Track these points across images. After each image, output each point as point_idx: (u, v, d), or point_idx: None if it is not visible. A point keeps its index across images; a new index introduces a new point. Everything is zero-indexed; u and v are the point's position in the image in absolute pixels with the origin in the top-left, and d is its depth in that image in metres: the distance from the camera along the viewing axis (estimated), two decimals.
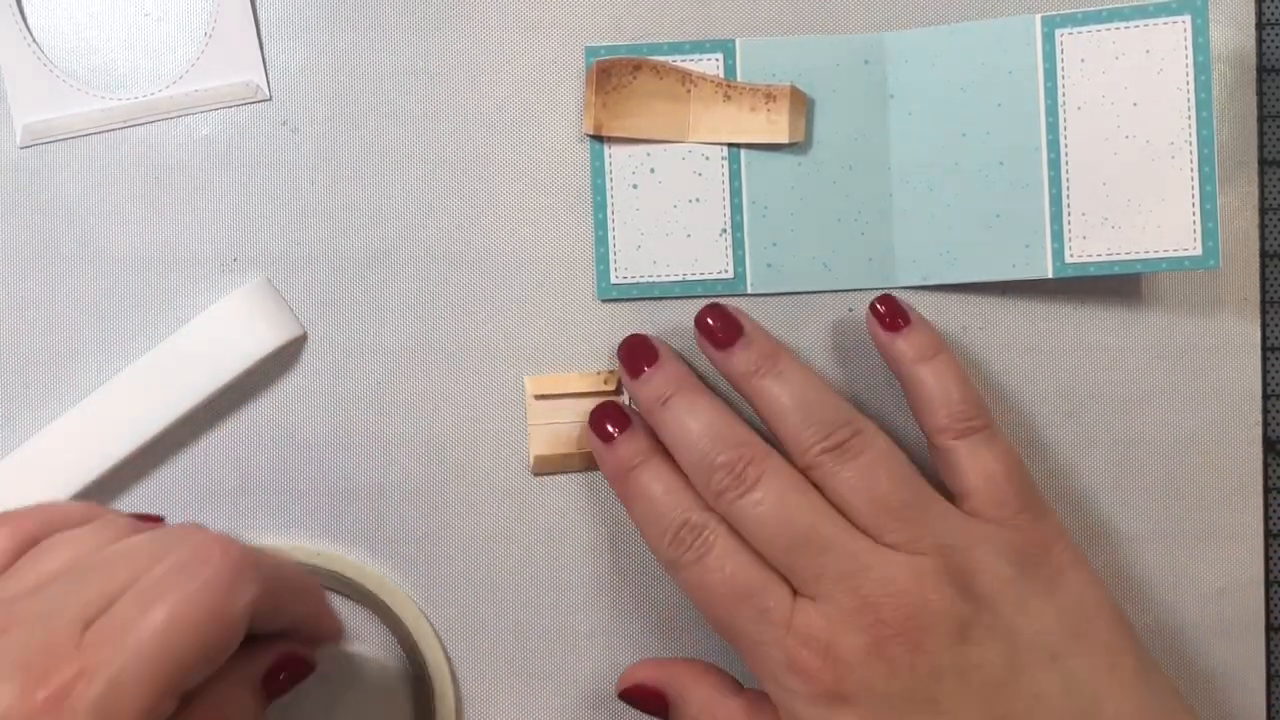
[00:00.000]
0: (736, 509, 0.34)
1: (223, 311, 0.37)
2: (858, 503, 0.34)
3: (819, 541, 0.33)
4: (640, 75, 0.38)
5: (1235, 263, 0.39)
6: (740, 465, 0.34)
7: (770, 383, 0.35)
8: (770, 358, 0.36)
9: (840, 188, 0.39)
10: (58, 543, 0.30)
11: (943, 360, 0.36)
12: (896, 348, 0.37)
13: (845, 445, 0.34)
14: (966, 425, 0.35)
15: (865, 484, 0.34)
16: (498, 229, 0.39)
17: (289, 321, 0.38)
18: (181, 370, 0.37)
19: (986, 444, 0.35)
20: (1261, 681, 0.39)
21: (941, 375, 0.36)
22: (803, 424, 0.34)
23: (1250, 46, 0.39)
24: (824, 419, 0.34)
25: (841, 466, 0.34)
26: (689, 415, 0.35)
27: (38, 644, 0.27)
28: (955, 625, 0.32)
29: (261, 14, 0.38)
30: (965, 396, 0.36)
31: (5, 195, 0.38)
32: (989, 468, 0.35)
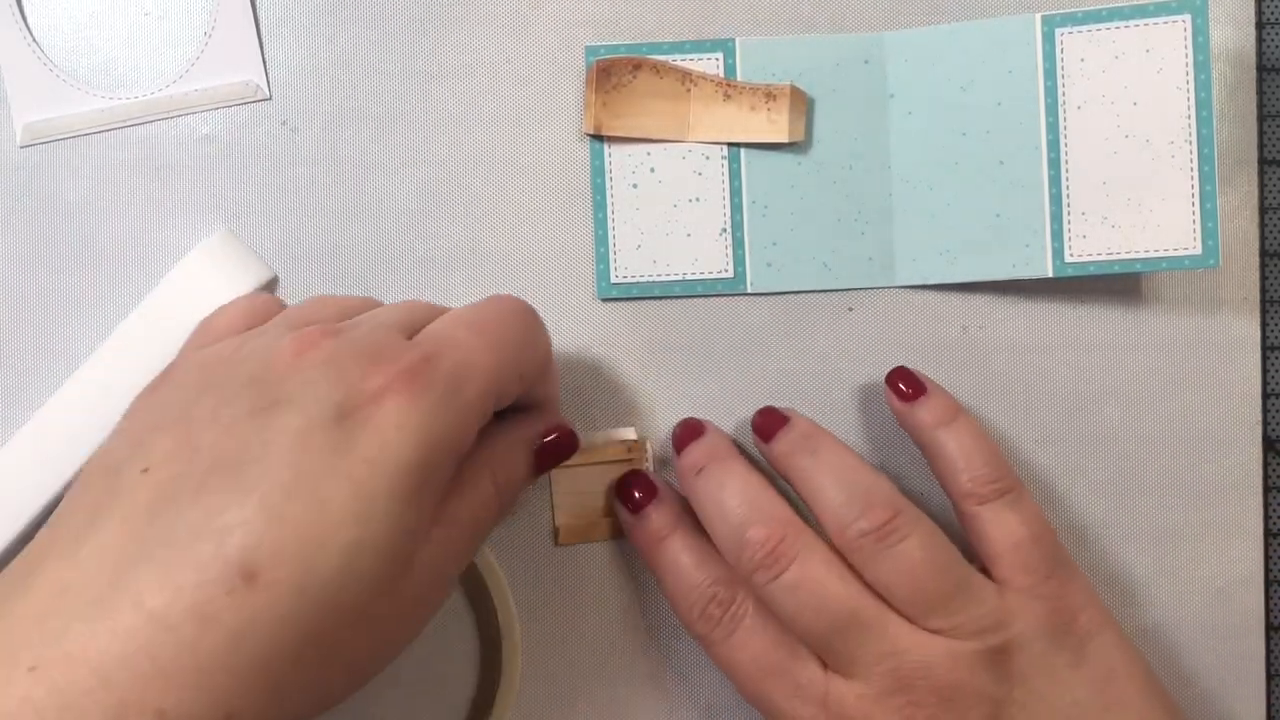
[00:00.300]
0: (769, 591, 0.33)
1: (189, 268, 0.37)
2: (900, 591, 0.33)
3: (857, 627, 0.33)
4: (640, 75, 0.38)
5: (1235, 262, 0.39)
6: (773, 542, 0.33)
7: (807, 461, 0.35)
8: (810, 437, 0.36)
9: (840, 188, 0.39)
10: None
11: (962, 424, 0.36)
12: (915, 416, 0.36)
13: (886, 528, 0.33)
14: (991, 489, 0.35)
15: (908, 572, 0.33)
16: (498, 229, 0.39)
17: (258, 267, 0.38)
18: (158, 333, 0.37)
19: (1011, 508, 0.35)
20: (1261, 681, 0.39)
21: (962, 439, 0.35)
22: (842, 504, 0.34)
23: (1250, 46, 0.39)
24: (864, 499, 0.34)
25: (883, 552, 0.33)
26: (722, 487, 0.35)
27: (370, 343, 0.29)
28: (989, 706, 0.32)
29: (261, 14, 0.38)
30: (987, 460, 0.35)
31: (5, 195, 0.38)
32: (1015, 533, 0.34)
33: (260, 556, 0.25)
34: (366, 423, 0.27)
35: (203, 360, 0.30)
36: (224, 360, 0.30)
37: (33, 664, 0.24)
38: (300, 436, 0.27)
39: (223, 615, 0.25)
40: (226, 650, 0.24)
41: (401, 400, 0.28)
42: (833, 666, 0.33)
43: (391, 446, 0.27)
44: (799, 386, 0.39)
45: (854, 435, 0.39)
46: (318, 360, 0.28)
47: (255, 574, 0.25)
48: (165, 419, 0.28)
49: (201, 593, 0.25)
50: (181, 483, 0.26)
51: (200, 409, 0.28)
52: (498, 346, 0.30)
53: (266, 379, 0.28)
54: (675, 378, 0.39)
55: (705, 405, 0.39)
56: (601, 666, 0.39)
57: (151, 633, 0.24)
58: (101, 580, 0.25)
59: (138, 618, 0.24)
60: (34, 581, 0.25)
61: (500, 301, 0.32)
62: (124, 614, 0.24)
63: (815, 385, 0.39)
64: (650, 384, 0.39)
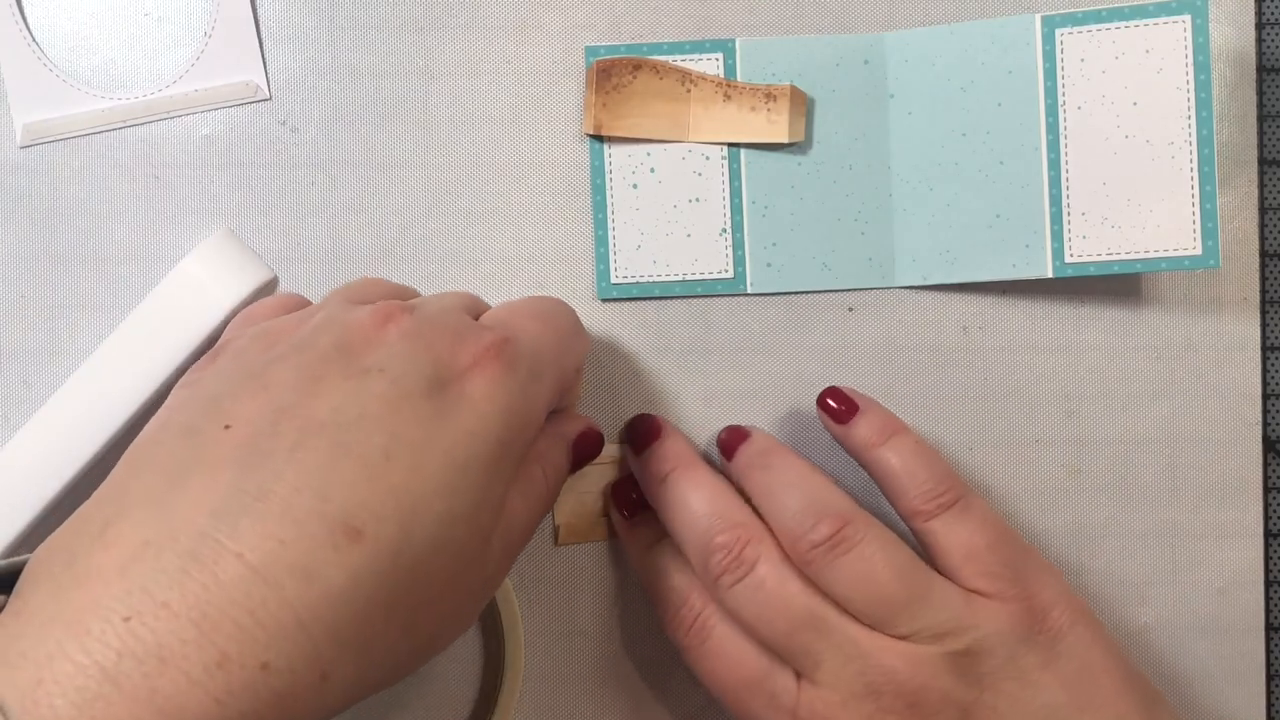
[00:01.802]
0: (734, 594, 0.33)
1: (189, 268, 0.37)
2: (856, 600, 0.33)
3: (816, 628, 0.32)
4: (640, 75, 0.38)
5: (1235, 263, 0.39)
6: (738, 548, 0.33)
7: (759, 476, 0.35)
8: (765, 452, 0.35)
9: (840, 188, 0.39)
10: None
11: (900, 440, 0.35)
12: (851, 437, 0.36)
13: (836, 538, 0.33)
14: (937, 504, 0.34)
15: (861, 581, 0.32)
16: (497, 229, 0.39)
17: (257, 267, 0.38)
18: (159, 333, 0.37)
19: (960, 518, 0.34)
20: (1261, 681, 0.39)
21: (903, 455, 0.35)
22: (794, 516, 0.33)
23: (1250, 46, 0.39)
24: (815, 511, 0.33)
25: (835, 562, 0.33)
26: (688, 493, 0.35)
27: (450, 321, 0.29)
28: (957, 711, 0.32)
29: (261, 14, 0.38)
30: (931, 473, 0.34)
31: (5, 195, 0.38)
32: (969, 543, 0.34)
33: (364, 515, 0.25)
34: (460, 395, 0.28)
35: (265, 331, 0.30)
36: (289, 331, 0.30)
37: (127, 615, 0.23)
38: (395, 403, 0.27)
39: (326, 571, 0.24)
40: (327, 606, 0.24)
41: (491, 375, 0.28)
42: (801, 672, 0.33)
43: (483, 419, 0.28)
44: (799, 386, 0.39)
45: None
46: (403, 332, 0.28)
47: (359, 531, 0.25)
48: (235, 384, 0.28)
49: (305, 548, 0.24)
50: (273, 441, 0.26)
51: (278, 374, 0.27)
52: (559, 338, 0.31)
53: (351, 347, 0.28)
54: (675, 378, 0.39)
55: (705, 405, 0.39)
56: (602, 666, 0.39)
57: (253, 586, 0.24)
58: (193, 532, 0.24)
59: (238, 570, 0.24)
60: (113, 534, 0.24)
61: (549, 300, 0.33)
62: (223, 566, 0.24)
63: (815, 385, 0.39)
64: (650, 384, 0.39)
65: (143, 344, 0.37)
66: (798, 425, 0.39)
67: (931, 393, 0.39)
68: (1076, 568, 0.39)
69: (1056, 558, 0.39)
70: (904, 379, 0.39)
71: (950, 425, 0.39)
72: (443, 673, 0.38)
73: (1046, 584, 0.34)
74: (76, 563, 0.24)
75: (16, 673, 0.22)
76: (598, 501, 0.38)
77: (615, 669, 0.39)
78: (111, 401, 0.37)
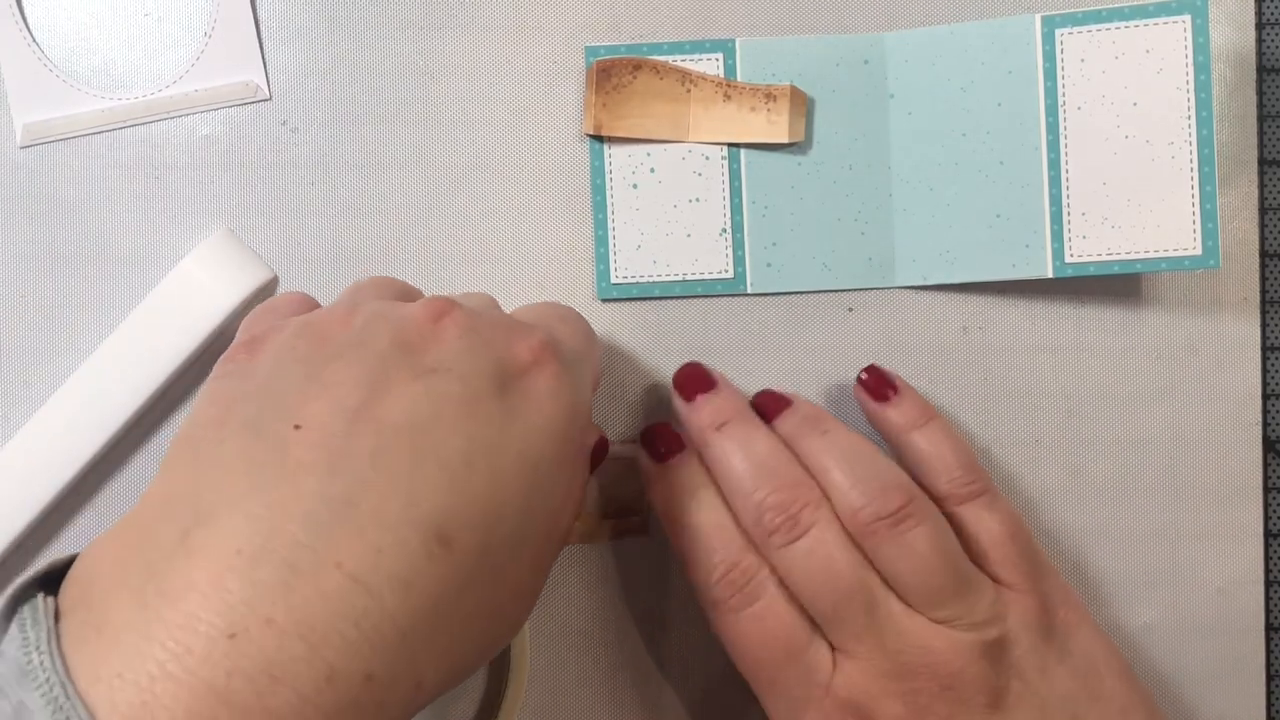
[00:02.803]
0: (786, 554, 0.33)
1: (189, 268, 0.37)
2: (908, 579, 0.33)
3: (866, 600, 0.33)
4: (640, 75, 0.38)
5: (1235, 263, 0.39)
6: (796, 507, 0.33)
7: (816, 442, 0.35)
8: (814, 419, 0.35)
9: (840, 188, 0.39)
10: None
11: (935, 426, 0.36)
12: (887, 418, 0.36)
13: (899, 514, 0.33)
14: (967, 490, 0.35)
15: (917, 562, 0.33)
16: (498, 229, 0.39)
17: (257, 267, 0.38)
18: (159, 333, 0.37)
19: (988, 508, 0.35)
20: (1261, 681, 0.39)
21: (936, 442, 0.36)
22: (854, 486, 0.34)
23: (1250, 46, 0.39)
24: (877, 483, 0.34)
25: (895, 539, 0.33)
26: (745, 445, 0.34)
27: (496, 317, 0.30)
28: (988, 696, 0.33)
29: (261, 14, 0.38)
30: (961, 461, 0.35)
31: (5, 195, 0.38)
32: (993, 533, 0.35)
33: (452, 522, 0.25)
34: (524, 391, 0.28)
35: (310, 325, 0.28)
36: (338, 326, 0.28)
37: (231, 632, 0.22)
38: (468, 405, 0.26)
39: (422, 580, 0.24)
40: (424, 616, 0.24)
41: (552, 371, 0.28)
42: (838, 644, 0.33)
43: (548, 414, 0.28)
44: (799, 387, 0.39)
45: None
46: (460, 328, 0.28)
47: (450, 539, 0.24)
48: (294, 380, 0.26)
49: (400, 556, 0.24)
50: (349, 444, 0.25)
51: (340, 372, 0.26)
52: (587, 342, 0.32)
53: (411, 345, 0.27)
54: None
55: None
56: (603, 667, 0.39)
57: (356, 598, 0.23)
58: (287, 541, 0.23)
59: (340, 581, 0.23)
60: (197, 543, 0.23)
61: (565, 306, 0.34)
62: (324, 577, 0.23)
63: (815, 385, 0.39)
64: (650, 384, 0.39)
65: (143, 344, 0.37)
66: None
67: (931, 393, 0.39)
68: (1076, 568, 0.39)
69: (1056, 558, 0.39)
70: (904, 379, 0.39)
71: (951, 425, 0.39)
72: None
73: (1056, 584, 0.35)
74: (159, 574, 0.23)
75: (116, 694, 0.21)
76: (599, 503, 0.38)
77: (615, 670, 0.39)
78: (111, 402, 0.37)
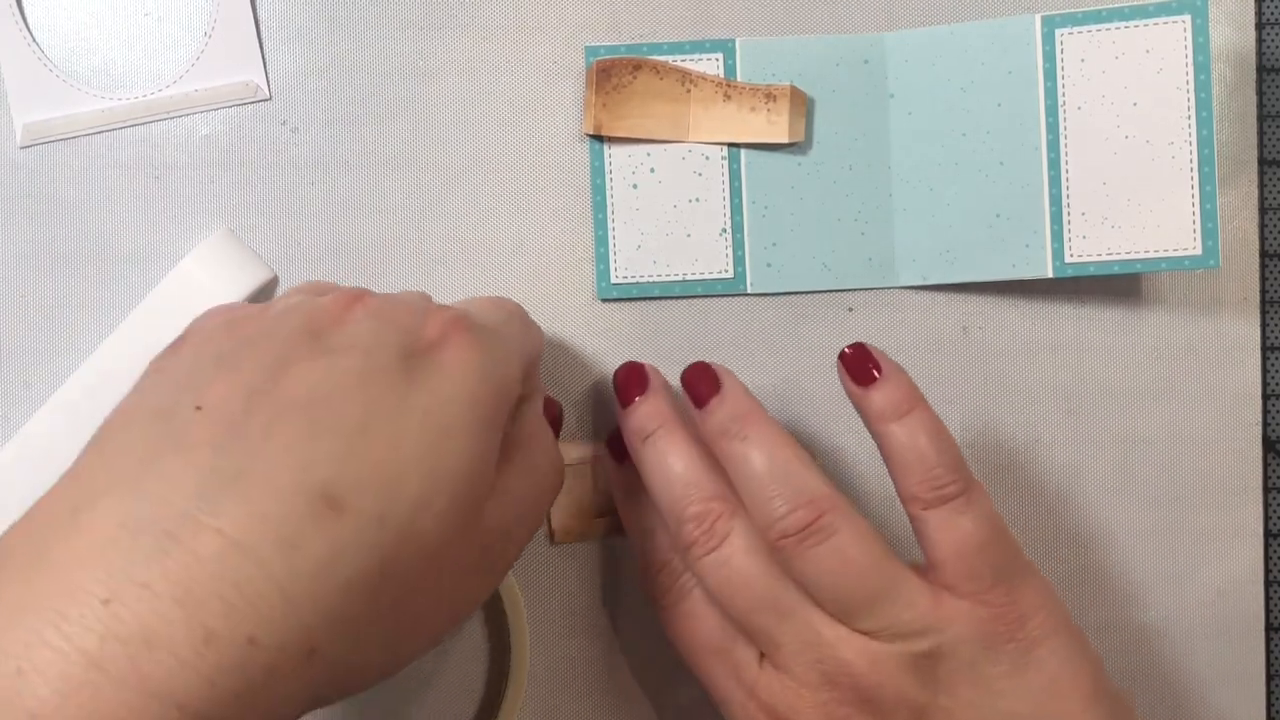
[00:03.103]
0: (702, 565, 0.33)
1: (189, 267, 0.37)
2: (824, 591, 0.32)
3: (779, 609, 0.32)
4: (640, 75, 0.38)
5: (1235, 263, 0.39)
6: (710, 520, 0.33)
7: (736, 447, 0.33)
8: (740, 419, 0.34)
9: (840, 188, 0.39)
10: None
11: (916, 417, 0.33)
12: (867, 403, 0.34)
13: (809, 529, 0.32)
14: (938, 494, 0.32)
15: (829, 574, 0.32)
16: (497, 229, 0.39)
17: (257, 266, 0.38)
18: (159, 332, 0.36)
19: (960, 513, 0.32)
20: (1261, 681, 0.39)
21: (915, 435, 0.33)
22: (768, 499, 0.32)
23: (1250, 46, 0.39)
24: (791, 495, 0.32)
25: (805, 553, 0.32)
26: (665, 457, 0.34)
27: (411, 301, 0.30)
28: (909, 711, 0.31)
29: (261, 14, 0.38)
30: (940, 459, 0.33)
31: (5, 195, 0.38)
32: (961, 540, 0.32)
33: (344, 486, 0.25)
34: (431, 362, 0.28)
35: (229, 320, 0.30)
36: (255, 319, 0.29)
37: (106, 597, 0.22)
38: (368, 376, 0.27)
39: (309, 543, 0.24)
40: (311, 578, 0.24)
41: (462, 342, 0.28)
42: (764, 652, 0.33)
43: (459, 383, 0.28)
44: (799, 386, 0.39)
45: (852, 436, 0.39)
46: (369, 311, 0.29)
47: (340, 502, 0.25)
48: (204, 368, 0.27)
49: (286, 520, 0.24)
50: (247, 420, 0.25)
51: (247, 358, 0.27)
52: (518, 321, 0.32)
53: (319, 328, 0.28)
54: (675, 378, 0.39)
55: None
56: (604, 667, 0.39)
57: (236, 561, 0.23)
58: (172, 512, 0.24)
59: (220, 546, 0.23)
60: (87, 519, 0.24)
61: (498, 296, 0.34)
62: (203, 542, 0.23)
63: (815, 385, 0.39)
64: None
65: (142, 344, 0.37)
66: (798, 425, 0.39)
67: (931, 393, 0.39)
68: (1077, 568, 0.39)
69: (1056, 558, 0.39)
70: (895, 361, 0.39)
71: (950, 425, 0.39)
72: (446, 676, 0.38)
73: (1032, 592, 0.33)
74: (48, 550, 0.23)
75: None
76: (594, 499, 0.38)
77: (616, 668, 0.39)
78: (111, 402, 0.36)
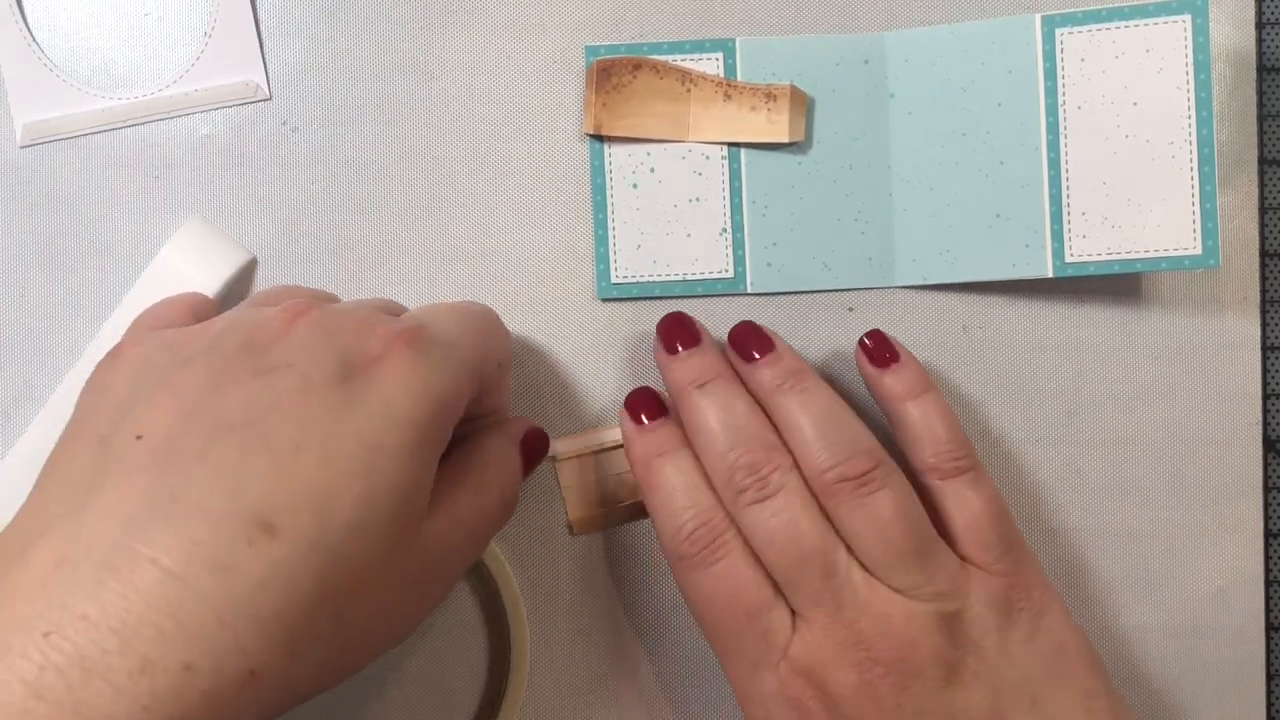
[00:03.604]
0: (752, 513, 0.34)
1: (168, 259, 0.37)
2: (867, 542, 0.34)
3: (826, 564, 0.33)
4: (640, 75, 0.38)
5: (1235, 262, 0.39)
6: (766, 470, 0.34)
7: (793, 399, 0.35)
8: (796, 374, 0.35)
9: (840, 187, 0.39)
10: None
11: (930, 398, 0.36)
12: (885, 384, 0.36)
13: (864, 477, 0.34)
14: (953, 465, 0.35)
15: (878, 525, 0.33)
16: (497, 228, 0.39)
17: (234, 251, 0.38)
18: None
19: (972, 485, 0.35)
20: (1261, 681, 0.39)
21: (928, 413, 0.36)
22: (823, 447, 0.34)
23: (1250, 46, 0.39)
24: (846, 446, 0.34)
25: (856, 500, 0.34)
26: (723, 407, 0.35)
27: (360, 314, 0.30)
28: (943, 669, 0.33)
29: (261, 14, 0.38)
30: (952, 436, 0.36)
31: (5, 195, 0.38)
32: (974, 510, 0.35)
33: (276, 508, 0.25)
34: (369, 380, 0.28)
35: (168, 339, 0.30)
36: (196, 336, 0.30)
37: (46, 630, 0.23)
38: (304, 395, 0.27)
39: (242, 566, 0.24)
40: (247, 601, 0.24)
41: (403, 358, 0.28)
42: (797, 608, 0.33)
43: (395, 401, 0.28)
44: None
45: None
46: (311, 326, 0.29)
47: (273, 525, 0.25)
48: (143, 391, 0.28)
49: (220, 545, 0.24)
50: (183, 444, 0.26)
51: (186, 377, 0.28)
52: (475, 328, 0.32)
53: (259, 346, 0.28)
54: None
55: None
56: (605, 668, 0.39)
57: (170, 589, 0.24)
58: (108, 542, 0.24)
59: (154, 575, 0.24)
60: (32, 554, 0.25)
61: (467, 302, 0.34)
62: (139, 572, 0.24)
63: None
64: (650, 384, 0.39)
65: None
66: None
67: None
68: (1077, 568, 0.39)
69: (1057, 558, 0.39)
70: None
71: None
72: (448, 678, 0.38)
73: (1030, 568, 0.35)
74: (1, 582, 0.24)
75: None
76: (607, 486, 0.38)
77: (615, 668, 0.39)
78: None
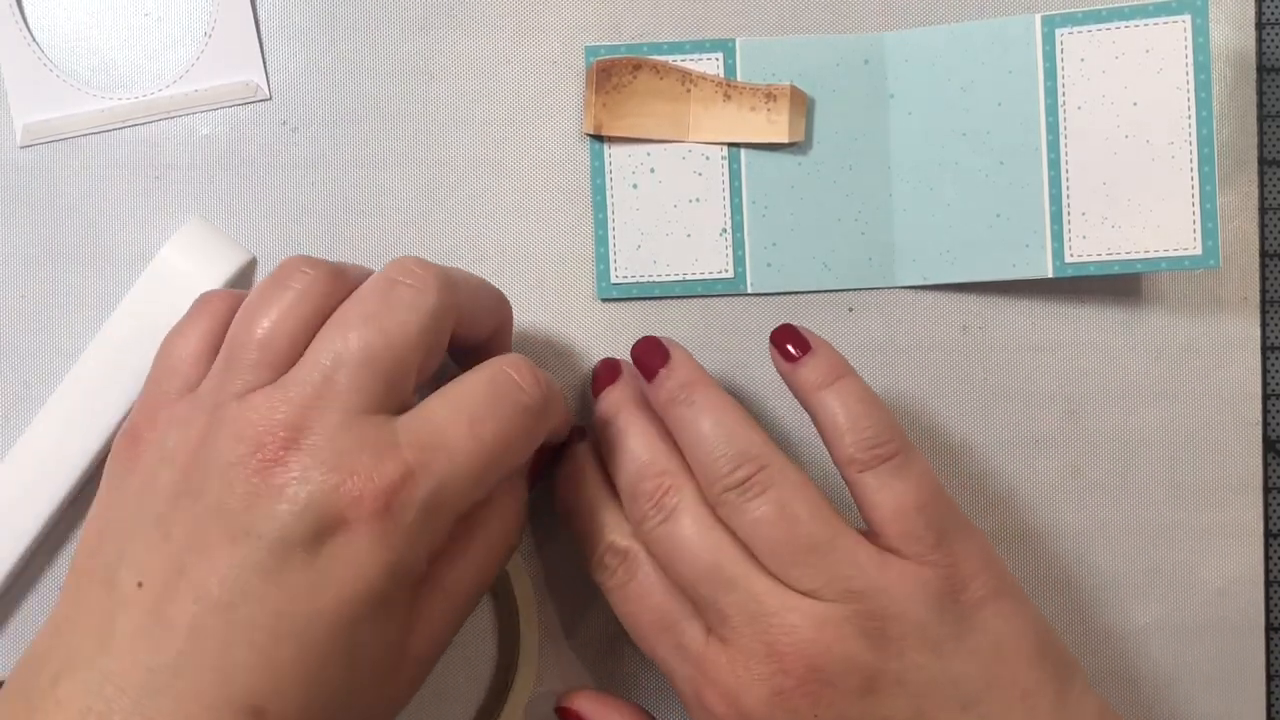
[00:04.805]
0: (653, 537, 0.33)
1: (167, 259, 0.37)
2: (759, 544, 0.32)
3: (722, 580, 0.32)
4: (640, 75, 0.38)
5: (1235, 263, 0.39)
6: (659, 494, 0.33)
7: (684, 413, 0.34)
8: (687, 386, 0.34)
9: (840, 187, 0.39)
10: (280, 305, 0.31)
11: (845, 384, 0.34)
12: (799, 377, 0.34)
13: (749, 482, 0.32)
14: (872, 454, 0.33)
15: (765, 525, 0.32)
16: (497, 229, 0.39)
17: (233, 251, 0.38)
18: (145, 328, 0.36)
19: (896, 474, 0.33)
20: (1261, 681, 0.39)
21: (846, 400, 0.33)
22: (713, 458, 0.33)
23: (1250, 46, 0.39)
24: (734, 454, 0.33)
25: (744, 505, 0.32)
26: (627, 437, 0.35)
27: (342, 449, 0.29)
28: (860, 677, 0.31)
29: (261, 14, 0.38)
30: (872, 422, 0.33)
31: (5, 195, 0.38)
32: (899, 500, 0.32)
33: (264, 696, 0.27)
34: (339, 553, 0.28)
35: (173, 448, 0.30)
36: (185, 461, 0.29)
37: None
38: (275, 577, 0.28)
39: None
40: None
41: (372, 530, 0.29)
42: (710, 626, 0.33)
43: (364, 577, 0.28)
44: None
45: None
46: (282, 483, 0.28)
47: (262, 710, 0.27)
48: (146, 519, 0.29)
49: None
50: (174, 611, 0.28)
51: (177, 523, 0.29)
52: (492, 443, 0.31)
53: (232, 504, 0.28)
54: None
55: None
56: (607, 668, 0.39)
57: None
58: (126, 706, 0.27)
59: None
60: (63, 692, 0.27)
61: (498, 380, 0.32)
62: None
63: None
64: None
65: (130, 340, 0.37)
66: (798, 424, 0.39)
67: (931, 393, 0.39)
68: (1076, 568, 0.39)
69: (1056, 558, 0.39)
70: (904, 379, 0.39)
71: (950, 425, 0.39)
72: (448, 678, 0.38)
73: (970, 554, 0.33)
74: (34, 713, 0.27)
75: None
76: None
77: (616, 668, 0.39)
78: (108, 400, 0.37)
